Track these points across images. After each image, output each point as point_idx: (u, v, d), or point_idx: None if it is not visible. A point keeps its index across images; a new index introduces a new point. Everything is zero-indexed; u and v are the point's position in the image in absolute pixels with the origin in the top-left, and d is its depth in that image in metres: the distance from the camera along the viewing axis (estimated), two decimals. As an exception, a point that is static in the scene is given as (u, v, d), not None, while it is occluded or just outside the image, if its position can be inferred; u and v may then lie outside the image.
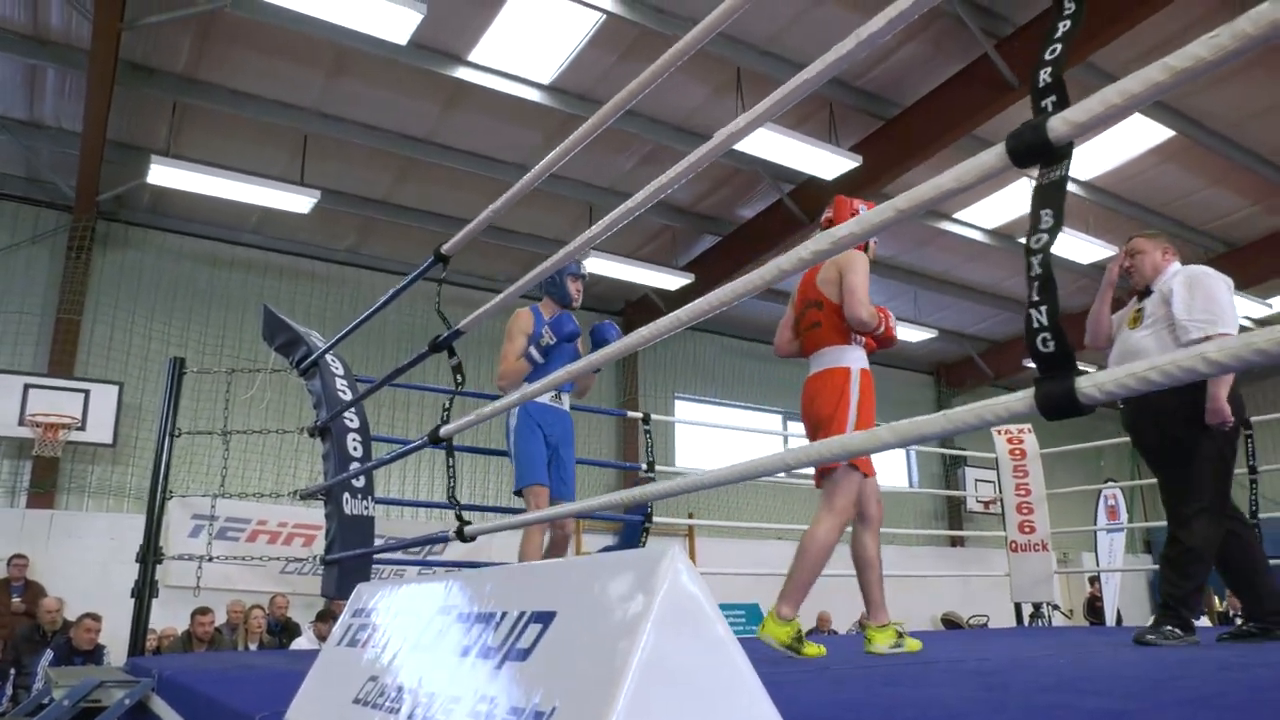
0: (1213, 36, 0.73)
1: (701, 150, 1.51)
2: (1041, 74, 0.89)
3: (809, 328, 3.29)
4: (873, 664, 2.37)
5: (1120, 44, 6.97)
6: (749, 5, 1.54)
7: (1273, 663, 2.13)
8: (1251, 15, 0.70)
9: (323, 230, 10.05)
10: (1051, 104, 0.87)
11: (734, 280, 1.27)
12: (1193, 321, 3.18)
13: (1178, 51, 0.75)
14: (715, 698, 0.69)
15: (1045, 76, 0.88)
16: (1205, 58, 0.73)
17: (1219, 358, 0.70)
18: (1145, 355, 3.10)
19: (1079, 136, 0.86)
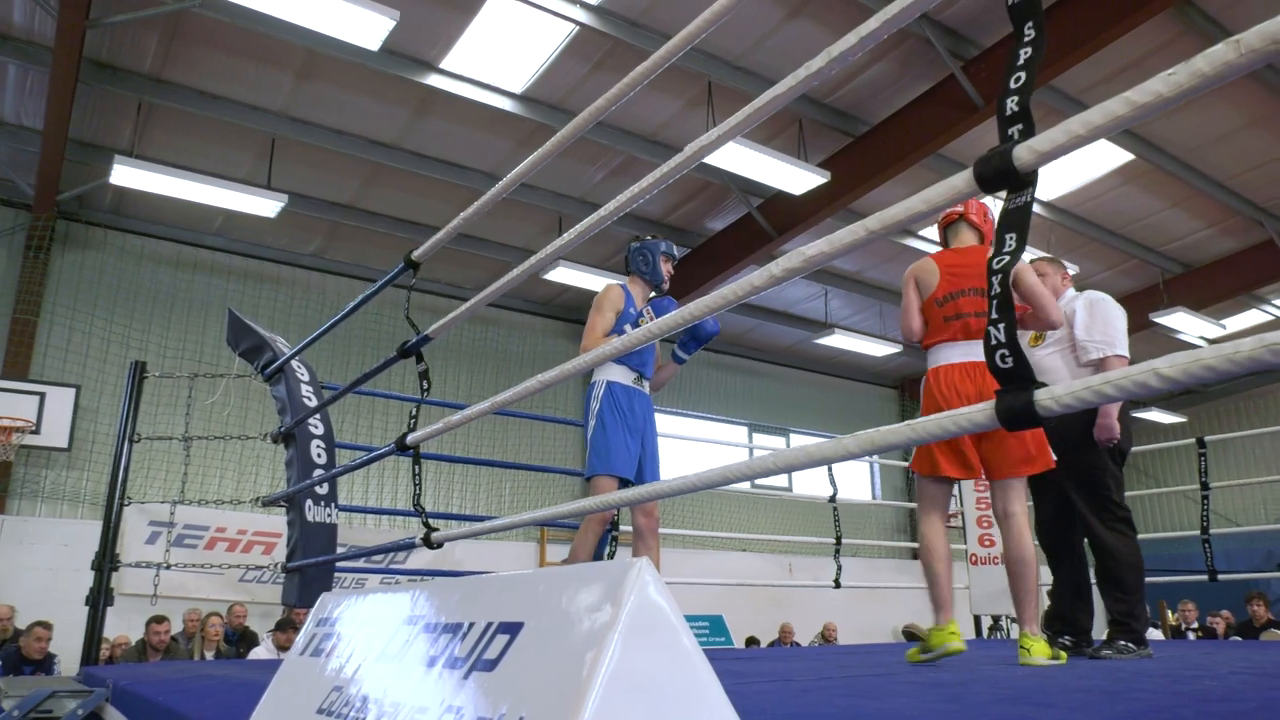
0: (1171, 74, 0.75)
1: (672, 162, 1.53)
2: (1009, 102, 0.91)
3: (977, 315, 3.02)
4: (834, 675, 2.39)
5: (1084, 68, 7.15)
6: (722, 21, 1.56)
7: (1220, 675, 2.18)
8: (1207, 55, 0.72)
9: (288, 234, 9.95)
10: (1018, 132, 0.90)
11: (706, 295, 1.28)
12: (1092, 342, 3.37)
13: (1138, 87, 0.78)
14: (680, 708, 0.70)
15: (1012, 105, 0.91)
16: (1164, 94, 0.76)
17: (1170, 373, 0.73)
18: (1053, 373, 3.43)
19: (1043, 164, 0.88)
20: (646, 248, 3.72)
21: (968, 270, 3.09)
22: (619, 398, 3.48)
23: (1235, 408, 15.44)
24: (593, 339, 3.45)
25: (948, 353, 3.05)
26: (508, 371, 11.44)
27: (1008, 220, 0.89)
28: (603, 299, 3.54)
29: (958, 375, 3.00)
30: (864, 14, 6.90)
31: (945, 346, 3.07)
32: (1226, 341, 0.70)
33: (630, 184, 6.68)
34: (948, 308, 3.07)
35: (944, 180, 0.97)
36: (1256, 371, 0.70)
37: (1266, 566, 13.45)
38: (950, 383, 2.99)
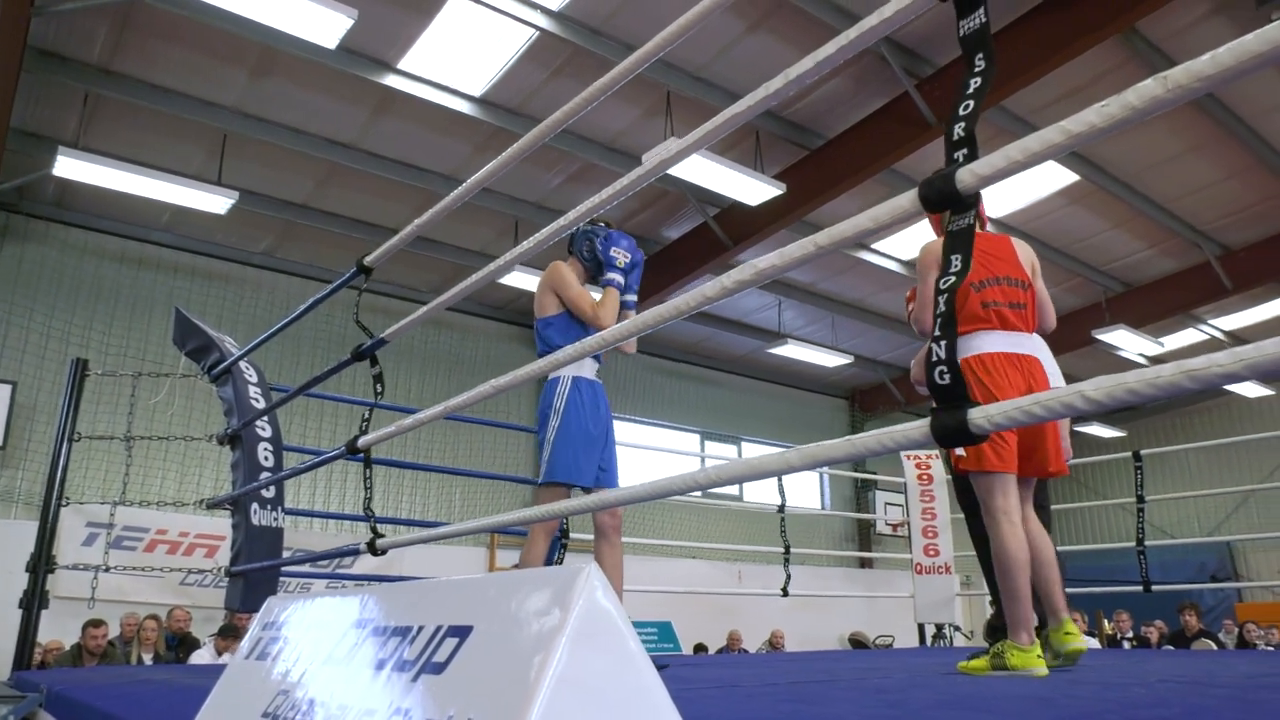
0: (1104, 105, 0.79)
1: (635, 174, 1.55)
2: (956, 127, 0.95)
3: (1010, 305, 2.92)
4: (780, 682, 2.43)
5: (1033, 90, 7.33)
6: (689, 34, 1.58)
7: (1149, 683, 2.26)
8: (1137, 89, 0.76)
9: (238, 232, 9.79)
10: (963, 155, 0.93)
11: (664, 302, 1.30)
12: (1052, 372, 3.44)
13: (1073, 117, 0.82)
14: (625, 711, 0.71)
15: (959, 130, 0.95)
16: (1097, 124, 0.80)
17: (1095, 395, 0.77)
18: None
19: (984, 187, 0.92)
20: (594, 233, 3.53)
21: (1001, 257, 2.99)
22: (585, 396, 3.21)
23: (1173, 424, 15.91)
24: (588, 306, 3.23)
25: (990, 340, 2.87)
26: (459, 376, 11.37)
27: (953, 242, 0.93)
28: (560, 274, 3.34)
29: (1006, 364, 2.83)
30: (822, 28, 7.00)
31: (985, 334, 2.87)
32: (1150, 366, 0.74)
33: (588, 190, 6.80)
34: (985, 293, 2.91)
35: (889, 200, 1.00)
36: (1176, 395, 0.74)
37: (1199, 578, 13.86)
38: (1001, 371, 2.81)
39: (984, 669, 2.71)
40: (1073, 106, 8.06)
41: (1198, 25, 7.13)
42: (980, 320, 2.88)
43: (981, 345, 2.86)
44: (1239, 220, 10.18)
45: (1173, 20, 6.99)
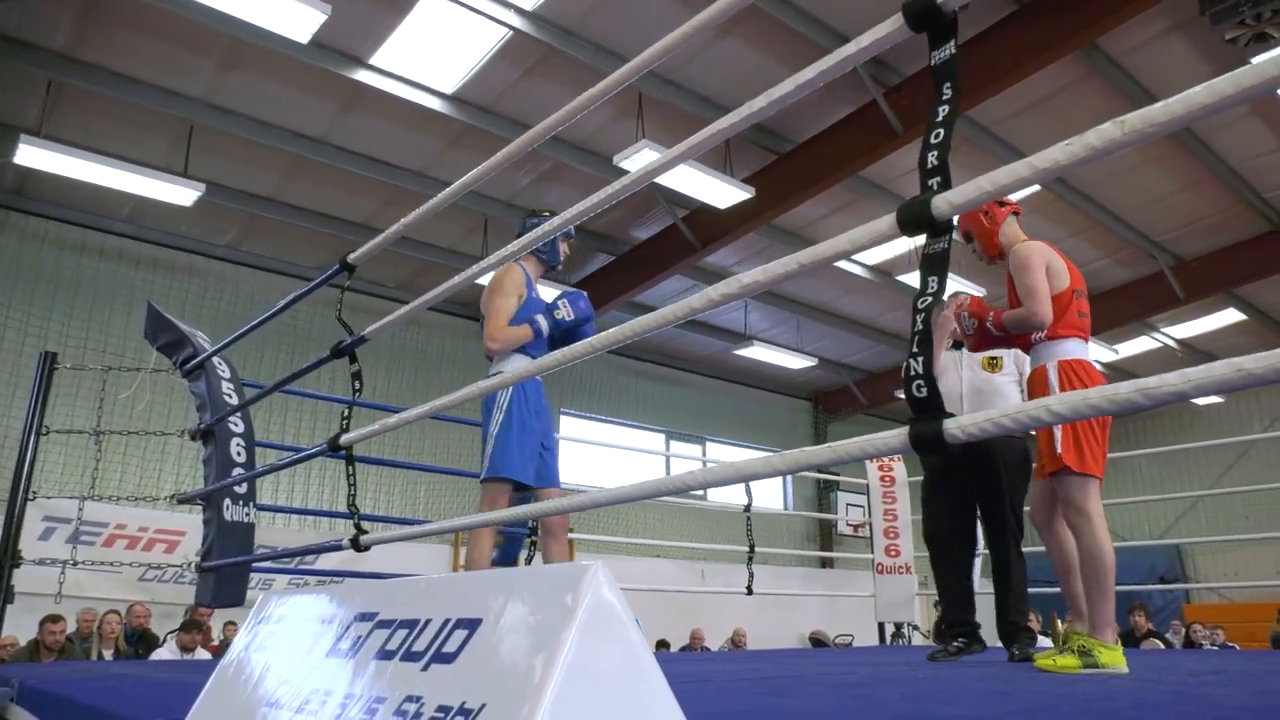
0: (1068, 144, 0.86)
1: (622, 182, 1.60)
2: (929, 156, 1.02)
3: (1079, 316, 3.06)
4: (750, 677, 2.50)
5: (998, 101, 7.50)
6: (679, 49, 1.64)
7: (1103, 679, 2.36)
8: (1098, 131, 0.83)
9: (203, 224, 9.67)
10: (937, 184, 1.00)
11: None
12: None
13: (1040, 154, 0.89)
14: (630, 698, 0.77)
15: (932, 159, 1.01)
16: (1061, 161, 0.87)
17: (1059, 410, 0.84)
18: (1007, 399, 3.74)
19: (958, 214, 0.99)
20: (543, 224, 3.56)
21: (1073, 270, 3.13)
22: (529, 392, 3.25)
23: (1127, 430, 16.28)
24: (498, 325, 3.22)
25: (1081, 348, 2.98)
26: (426, 372, 11.33)
27: (929, 264, 0.99)
28: (504, 280, 3.32)
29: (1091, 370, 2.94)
30: (791, 35, 7.10)
31: (1078, 342, 2.99)
32: (1110, 385, 0.81)
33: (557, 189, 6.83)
34: (1080, 303, 3.03)
35: (868, 224, 1.06)
36: (1133, 411, 0.81)
37: (1149, 580, 14.21)
38: (1091, 376, 2.91)
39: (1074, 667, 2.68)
40: (1036, 118, 8.26)
41: (1156, 41, 7.33)
42: (1076, 328, 3.02)
43: (1076, 351, 2.98)
44: (1191, 232, 10.47)
45: (1132, 36, 7.19)
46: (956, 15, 1.07)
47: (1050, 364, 2.96)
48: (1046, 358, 2.99)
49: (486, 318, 3.28)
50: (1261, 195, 9.75)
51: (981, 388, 3.84)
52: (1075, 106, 8.08)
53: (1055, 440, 2.79)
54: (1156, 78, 7.75)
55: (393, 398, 10.64)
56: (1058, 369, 2.94)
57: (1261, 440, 13.74)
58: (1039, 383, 3.00)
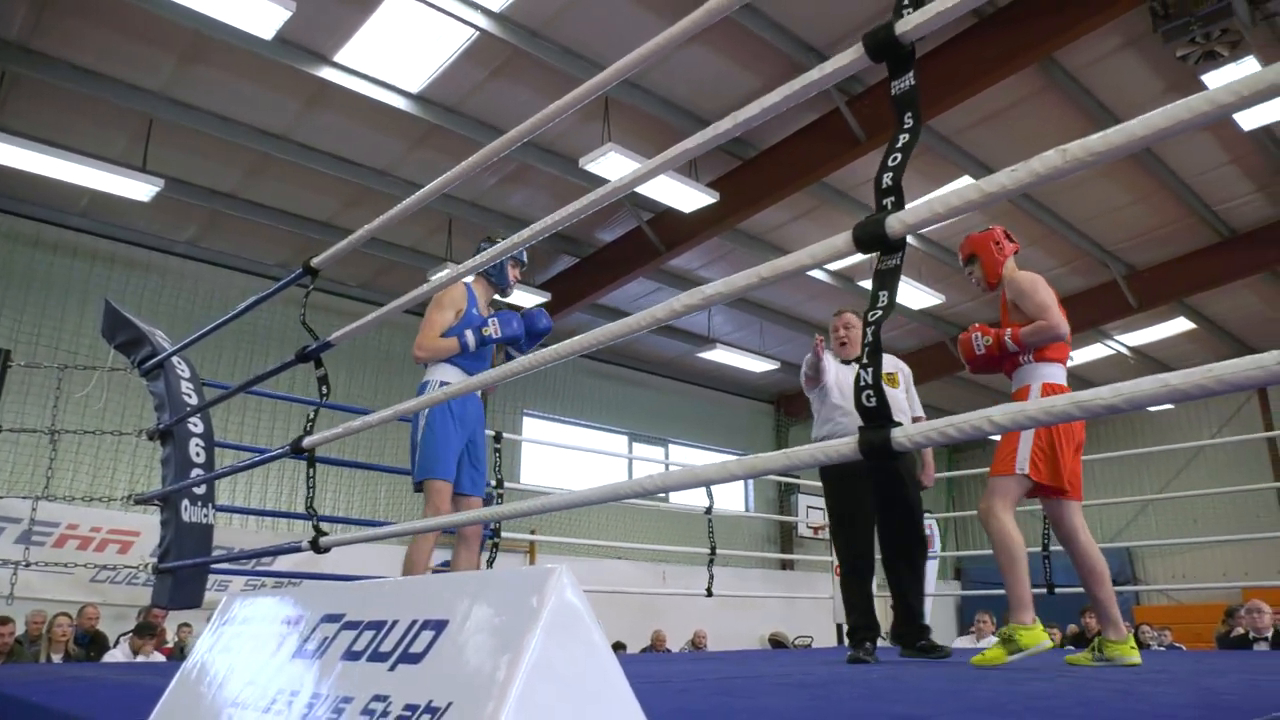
0: (1014, 170, 0.91)
1: (602, 191, 1.63)
2: (885, 177, 1.06)
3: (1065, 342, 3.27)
4: (709, 677, 2.53)
5: (958, 112, 7.65)
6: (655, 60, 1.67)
7: (1051, 677, 2.43)
8: (1042, 158, 0.88)
9: (161, 219, 9.53)
10: (891, 204, 1.04)
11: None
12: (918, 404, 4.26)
13: (988, 178, 0.93)
14: (592, 697, 0.80)
15: (888, 180, 1.05)
16: (1007, 185, 0.92)
17: (1000, 420, 0.88)
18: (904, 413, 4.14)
19: (910, 234, 1.03)
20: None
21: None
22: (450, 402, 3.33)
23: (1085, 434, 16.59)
24: (429, 336, 3.35)
25: (1061, 373, 3.19)
26: (388, 373, 11.25)
27: (881, 280, 1.03)
28: (444, 295, 3.41)
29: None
30: (757, 42, 7.18)
31: (1060, 366, 3.20)
32: (1045, 400, 0.85)
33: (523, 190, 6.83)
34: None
35: (826, 240, 1.11)
36: (1067, 421, 0.85)
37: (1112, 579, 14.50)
38: None
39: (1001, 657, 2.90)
40: (995, 129, 8.42)
41: (1111, 56, 7.52)
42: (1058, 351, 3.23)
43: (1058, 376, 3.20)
44: (1144, 242, 10.73)
45: (1088, 51, 7.37)
46: (914, 47, 1.11)
47: (1035, 385, 3.16)
48: (1031, 379, 3.18)
49: (421, 327, 3.42)
50: (1211, 208, 10.03)
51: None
52: (1033, 118, 8.26)
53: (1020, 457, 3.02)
54: (1111, 92, 7.95)
55: (354, 398, 10.54)
56: (1040, 391, 3.13)
57: (1210, 446, 14.13)
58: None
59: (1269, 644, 6.51)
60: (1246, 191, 9.73)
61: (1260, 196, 9.82)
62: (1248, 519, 13.98)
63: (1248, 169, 9.28)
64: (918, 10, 1.07)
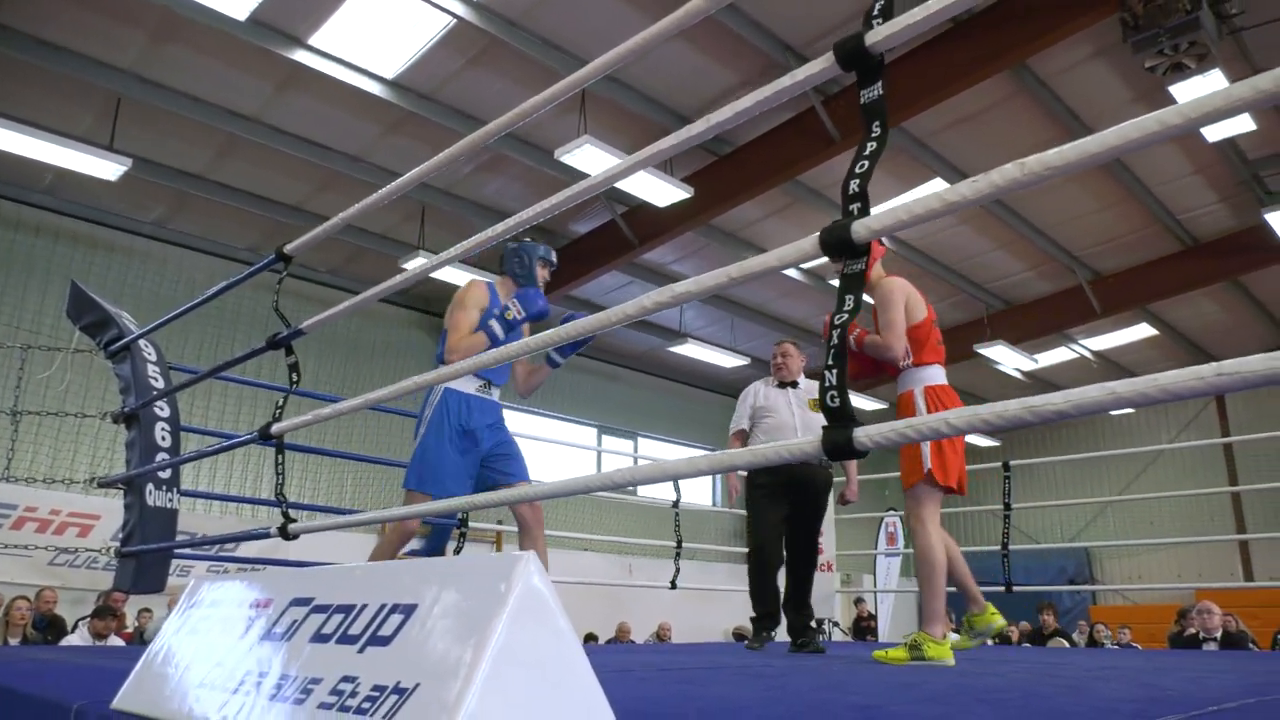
0: (974, 181, 0.94)
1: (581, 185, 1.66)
2: (852, 183, 1.09)
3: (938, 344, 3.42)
4: (670, 668, 2.57)
5: (931, 114, 7.74)
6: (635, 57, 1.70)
7: (1001, 672, 2.50)
8: (1001, 171, 0.91)
9: (128, 200, 9.39)
10: (857, 209, 1.07)
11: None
12: None
13: (951, 188, 0.97)
14: (556, 680, 0.82)
15: (855, 186, 1.09)
16: (968, 195, 0.95)
17: (956, 423, 0.92)
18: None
19: (875, 239, 1.06)
20: (524, 250, 3.47)
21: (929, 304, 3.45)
22: (451, 409, 3.23)
23: (1044, 436, 16.88)
24: (457, 337, 3.20)
25: (941, 374, 3.32)
26: (357, 360, 11.18)
27: (847, 284, 1.07)
28: (465, 295, 3.31)
29: (952, 395, 3.27)
30: (733, 38, 7.21)
31: (939, 368, 3.32)
32: (999, 403, 0.89)
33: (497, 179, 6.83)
34: (936, 332, 3.37)
35: (794, 243, 1.14)
36: (1020, 426, 0.89)
37: (1059, 581, 14.78)
38: (954, 401, 3.24)
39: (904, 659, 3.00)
40: (967, 132, 8.53)
41: (1082, 65, 7.64)
42: (936, 354, 3.35)
43: (938, 377, 3.32)
44: (1110, 248, 10.91)
45: (1059, 59, 7.48)
46: (884, 57, 1.14)
47: (917, 389, 3.28)
48: (914, 383, 3.31)
49: (448, 333, 3.28)
50: (1175, 217, 10.23)
51: (810, 424, 4.36)
52: (1004, 122, 8.37)
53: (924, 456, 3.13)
54: (1081, 99, 8.08)
55: (322, 384, 10.47)
56: (924, 394, 3.26)
57: (1169, 450, 14.42)
58: (906, 405, 3.30)
59: (1218, 644, 6.68)
60: (1210, 202, 9.93)
61: (1223, 207, 10.03)
62: (1202, 522, 14.32)
63: (1211, 179, 9.47)
64: (887, 22, 1.10)
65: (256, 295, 9.53)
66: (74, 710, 1.29)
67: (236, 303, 9.78)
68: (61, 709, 1.32)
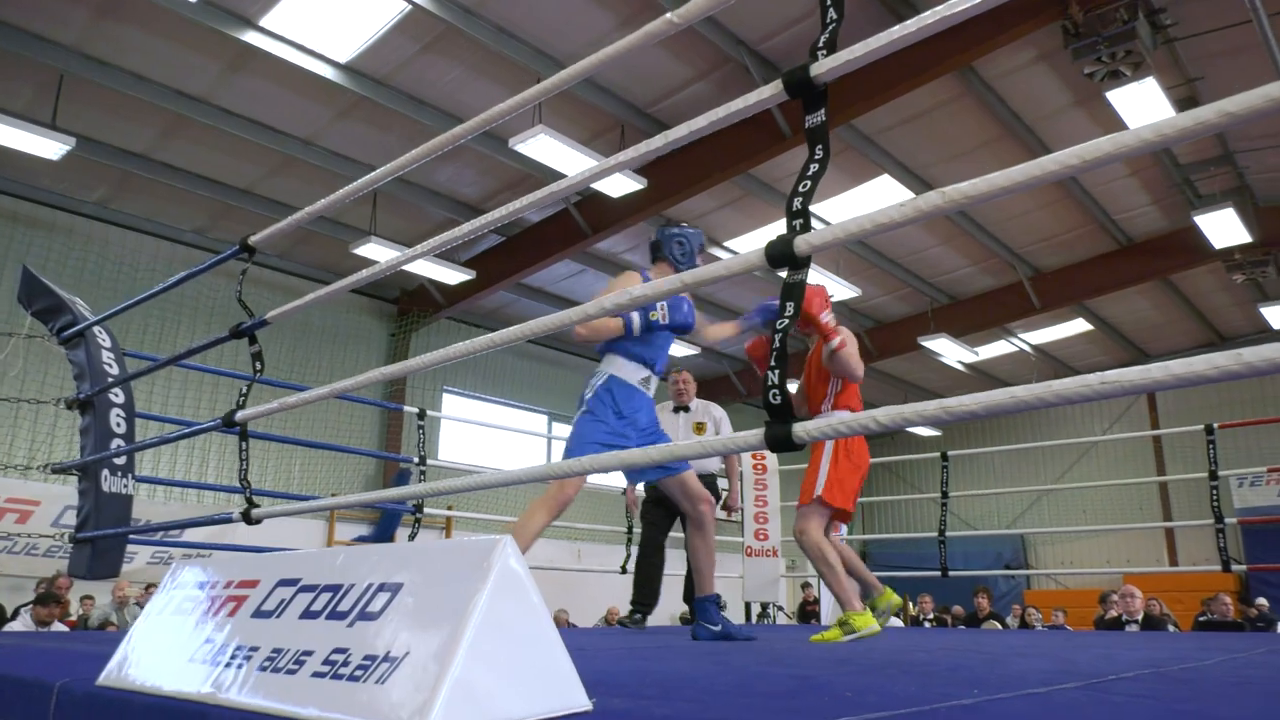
0: (901, 205, 1.06)
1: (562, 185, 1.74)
2: (795, 200, 1.20)
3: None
4: (616, 645, 2.69)
5: (880, 112, 7.94)
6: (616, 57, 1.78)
7: (930, 649, 2.66)
8: (925, 197, 1.03)
9: (69, 178, 9.18)
10: (799, 225, 1.18)
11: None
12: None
13: (881, 209, 1.08)
14: (531, 650, 0.93)
15: (798, 203, 1.20)
16: (896, 218, 1.07)
17: (883, 420, 1.04)
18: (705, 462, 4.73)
19: (816, 253, 1.17)
20: (686, 236, 3.45)
21: None
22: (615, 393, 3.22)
23: (985, 427, 17.34)
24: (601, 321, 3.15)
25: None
26: (306, 344, 11.09)
27: (788, 292, 1.18)
28: (618, 281, 3.31)
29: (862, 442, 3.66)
30: (687, 33, 7.30)
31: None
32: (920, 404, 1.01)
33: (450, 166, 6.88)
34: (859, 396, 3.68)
35: (742, 254, 1.24)
36: (939, 424, 1.01)
37: (996, 566, 15.25)
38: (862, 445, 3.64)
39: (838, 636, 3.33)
40: (914, 130, 8.75)
41: (1025, 69, 7.90)
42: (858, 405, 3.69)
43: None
44: (1049, 246, 11.28)
45: (1004, 63, 7.72)
46: (827, 88, 1.25)
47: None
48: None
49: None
50: (1111, 217, 10.61)
51: None
52: (950, 121, 8.61)
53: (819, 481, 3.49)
54: (1023, 101, 8.35)
55: (269, 370, 10.34)
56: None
57: (1102, 441, 14.95)
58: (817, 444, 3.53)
59: (1139, 626, 7.01)
60: (1144, 203, 10.32)
61: (1155, 209, 10.43)
62: (1132, 510, 14.88)
63: (1146, 182, 9.85)
64: (830, 55, 1.21)
65: (212, 281, 9.40)
66: (57, 688, 1.35)
67: (196, 289, 9.64)
68: (43, 687, 1.38)
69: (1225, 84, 8.06)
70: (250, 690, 1.00)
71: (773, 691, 1.35)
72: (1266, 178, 9.75)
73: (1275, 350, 0.81)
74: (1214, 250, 10.29)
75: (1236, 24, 6.82)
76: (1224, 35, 7.14)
